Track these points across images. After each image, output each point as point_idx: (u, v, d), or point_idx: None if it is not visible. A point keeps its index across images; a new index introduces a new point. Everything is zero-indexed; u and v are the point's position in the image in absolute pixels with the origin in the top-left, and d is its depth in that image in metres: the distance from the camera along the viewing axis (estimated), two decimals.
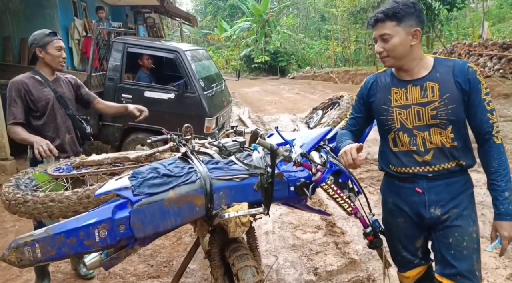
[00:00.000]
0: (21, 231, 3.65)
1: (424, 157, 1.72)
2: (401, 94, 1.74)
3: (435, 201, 1.75)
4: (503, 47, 11.46)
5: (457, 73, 1.66)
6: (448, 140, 1.70)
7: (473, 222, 1.76)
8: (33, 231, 1.55)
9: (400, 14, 1.64)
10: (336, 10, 19.06)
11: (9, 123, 2.48)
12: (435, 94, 1.67)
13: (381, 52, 1.72)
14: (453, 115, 1.66)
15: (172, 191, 1.72)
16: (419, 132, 1.72)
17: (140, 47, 5.13)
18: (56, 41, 2.55)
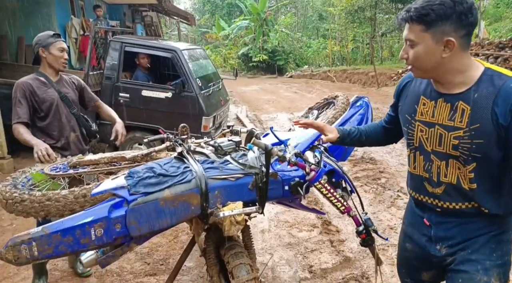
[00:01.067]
0: (18, 229, 3.67)
1: (434, 189, 1.46)
2: (428, 107, 1.43)
3: (443, 238, 1.48)
4: (499, 47, 11.51)
5: (499, 100, 1.25)
6: (466, 180, 1.38)
7: (484, 270, 1.39)
8: (30, 230, 1.57)
9: (430, 18, 1.28)
10: (334, 9, 19.09)
11: (14, 122, 2.52)
12: (463, 121, 1.33)
13: (406, 58, 1.40)
14: (478, 152, 1.31)
15: (167, 190, 1.75)
16: (437, 159, 1.43)
17: (137, 46, 5.14)
18: (58, 43, 2.61)
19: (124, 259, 3.12)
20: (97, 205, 1.68)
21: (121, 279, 2.86)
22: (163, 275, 2.90)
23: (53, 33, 2.69)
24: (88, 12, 9.14)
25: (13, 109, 2.54)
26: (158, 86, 5.13)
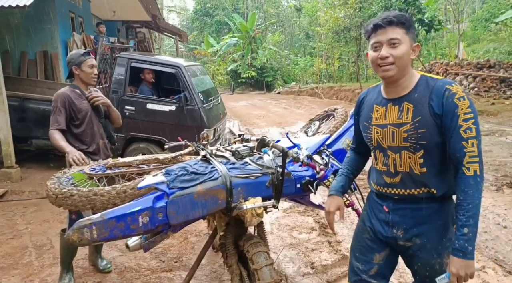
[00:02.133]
0: (34, 233, 3.89)
1: (393, 179, 1.71)
2: (381, 113, 1.72)
3: (398, 222, 1.73)
4: (478, 67, 12.21)
5: (432, 96, 1.58)
6: (417, 166, 1.64)
7: (438, 255, 1.68)
8: (91, 216, 1.85)
9: (408, 23, 1.60)
10: (321, 28, 19.78)
11: (53, 128, 2.79)
12: (409, 116, 1.62)
13: (387, 58, 1.60)
14: (424, 139, 1.59)
15: (200, 186, 2.06)
16: (392, 153, 1.70)
17: (143, 62, 5.46)
18: (89, 60, 2.90)
19: (140, 258, 3.38)
20: (143, 197, 1.97)
21: (140, 275, 3.11)
22: (178, 271, 3.16)
23: (84, 51, 2.99)
24: (87, 29, 9.44)
25: (53, 116, 2.82)
26: (162, 100, 5.44)
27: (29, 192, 5.01)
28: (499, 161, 6.19)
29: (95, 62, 3.00)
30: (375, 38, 1.64)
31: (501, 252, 3.44)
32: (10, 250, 3.52)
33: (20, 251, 3.51)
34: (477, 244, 3.55)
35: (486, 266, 3.19)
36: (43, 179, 5.43)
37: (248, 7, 31.56)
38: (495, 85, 11.34)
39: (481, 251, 3.45)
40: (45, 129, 5.35)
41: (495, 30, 17.82)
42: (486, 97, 11.13)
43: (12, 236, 3.80)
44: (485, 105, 10.72)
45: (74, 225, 1.82)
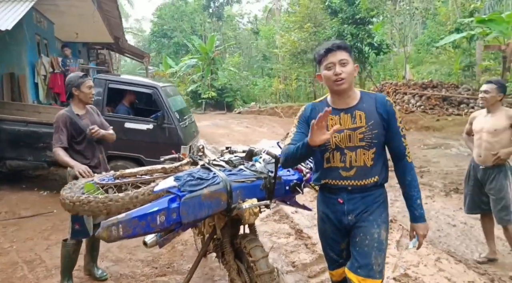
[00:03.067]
0: (20, 250, 3.96)
1: (348, 172, 2.08)
2: (335, 121, 2.08)
3: (352, 210, 2.11)
4: (423, 87, 13.38)
5: (378, 105, 2.06)
6: (369, 160, 2.06)
7: (377, 225, 2.09)
8: (117, 216, 2.11)
9: (349, 49, 2.08)
10: (279, 50, 20.67)
11: (56, 146, 3.01)
12: (362, 121, 2.05)
13: (341, 74, 2.00)
14: (376, 138, 2.04)
15: (206, 189, 2.38)
16: (349, 151, 2.07)
17: (121, 83, 5.69)
18: (87, 82, 3.16)
19: (133, 266, 3.58)
20: (159, 199, 2.26)
21: (136, 280, 3.32)
22: (172, 275, 3.40)
23: (82, 74, 3.25)
24: (51, 50, 9.46)
25: (55, 135, 3.04)
26: (140, 119, 5.67)
27: (5, 213, 5.00)
28: (446, 170, 6.94)
29: (92, 83, 3.26)
30: (327, 60, 2.04)
31: (452, 246, 3.98)
32: (0, 266, 3.58)
33: (11, 266, 3.59)
34: (432, 240, 4.09)
35: (441, 257, 3.69)
36: (18, 200, 5.44)
37: (206, 30, 32.20)
38: (438, 103, 12.48)
39: (436, 245, 3.97)
40: (19, 150, 5.45)
41: (436, 54, 19.52)
42: (431, 114, 12.20)
43: None
44: (431, 122, 11.76)
45: (103, 224, 2.08)
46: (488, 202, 3.46)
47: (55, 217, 4.93)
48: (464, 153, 8.17)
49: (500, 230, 3.58)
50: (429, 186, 6.04)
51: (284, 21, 22.17)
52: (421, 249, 3.80)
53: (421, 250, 3.79)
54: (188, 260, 3.72)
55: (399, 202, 5.39)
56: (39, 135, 5.47)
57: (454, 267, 3.49)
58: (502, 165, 3.36)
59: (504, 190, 3.31)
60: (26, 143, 5.48)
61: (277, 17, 27.89)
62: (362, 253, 2.07)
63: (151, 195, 2.44)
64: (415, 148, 8.91)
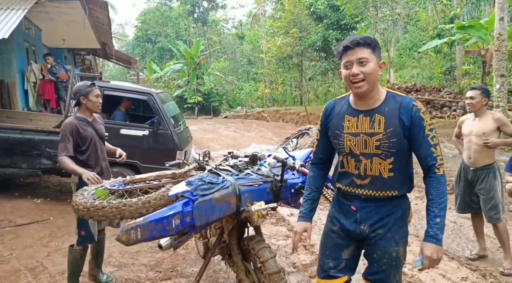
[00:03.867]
0: (20, 257, 3.96)
1: (362, 181, 1.93)
2: (353, 122, 1.92)
3: (365, 219, 1.96)
4: (407, 91, 13.72)
5: (402, 110, 1.83)
6: (386, 171, 1.87)
7: (395, 243, 1.94)
8: (136, 220, 2.19)
9: (374, 44, 1.85)
10: (265, 55, 20.87)
11: (62, 155, 3.05)
12: (381, 127, 1.85)
13: (357, 75, 1.81)
14: (394, 147, 1.83)
15: (217, 193, 2.48)
16: (364, 158, 1.91)
17: (116, 90, 5.73)
18: (95, 90, 3.22)
19: (137, 270, 3.63)
20: (174, 203, 2.35)
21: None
22: (176, 279, 3.47)
23: (90, 83, 3.31)
24: (39, 57, 9.39)
25: (61, 144, 3.08)
26: (135, 125, 5.71)
27: (1, 221, 4.97)
28: None
29: (99, 92, 3.32)
30: (346, 58, 1.87)
31: (444, 244, 4.12)
32: (2, 274, 3.59)
33: (14, 274, 3.59)
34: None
35: None
36: (13, 208, 5.40)
37: (191, 35, 32.23)
38: None
39: None
40: (13, 158, 5.42)
41: (417, 58, 20.03)
42: None
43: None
44: None
45: (122, 228, 2.16)
46: (478, 202, 3.65)
47: (52, 224, 4.93)
48: (449, 155, 8.45)
49: (489, 228, 3.77)
50: (418, 187, 6.22)
51: (269, 26, 22.40)
52: (415, 248, 3.99)
53: (415, 248, 3.96)
54: (191, 263, 3.80)
55: None
56: (34, 142, 5.46)
57: (448, 264, 3.65)
58: (491, 166, 3.55)
59: (493, 190, 3.50)
60: (21, 151, 5.46)
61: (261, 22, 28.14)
62: (380, 271, 1.98)
63: (162, 200, 2.53)
64: None
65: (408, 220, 2.03)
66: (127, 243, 2.16)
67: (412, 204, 2.05)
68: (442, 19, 14.55)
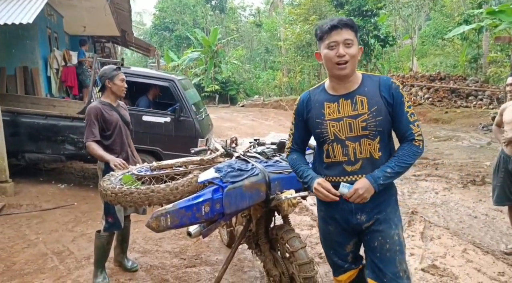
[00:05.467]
0: (47, 241, 3.99)
1: (353, 167, 1.86)
2: (333, 108, 1.87)
3: (361, 208, 1.88)
4: (430, 79, 13.36)
5: (382, 88, 1.83)
6: (376, 151, 1.84)
7: (395, 226, 1.91)
8: (166, 206, 2.14)
9: (356, 28, 1.84)
10: (283, 43, 20.60)
11: (89, 140, 3.02)
12: (364, 107, 1.82)
13: (344, 56, 1.78)
14: (380, 126, 1.81)
15: (246, 180, 2.41)
16: (351, 143, 1.85)
17: (138, 76, 5.69)
18: (120, 74, 3.16)
19: (162, 257, 3.62)
20: (204, 190, 2.29)
21: (167, 271, 3.35)
22: (201, 266, 3.44)
23: (116, 66, 3.25)
24: (61, 44, 9.44)
25: (87, 129, 3.04)
26: (157, 112, 5.68)
27: (27, 205, 5.03)
28: (460, 162, 6.96)
29: (124, 76, 3.25)
30: (330, 38, 1.80)
31: (476, 237, 4.01)
32: (30, 257, 3.62)
33: (41, 257, 3.62)
34: (455, 231, 4.11)
35: (468, 248, 3.72)
36: (38, 192, 5.47)
37: (208, 23, 32.05)
38: (447, 95, 12.47)
39: (460, 237, 4.00)
40: (38, 143, 5.47)
41: (441, 45, 19.46)
42: (440, 107, 12.21)
43: (26, 245, 3.89)
44: (439, 114, 11.77)
45: (153, 214, 2.11)
46: None
47: (76, 209, 4.97)
48: (476, 145, 8.19)
49: None
50: (445, 178, 6.06)
51: (288, 14, 22.05)
52: (446, 240, 3.86)
53: (447, 241, 3.83)
54: (215, 251, 3.76)
55: (416, 194, 5.43)
56: (58, 128, 5.49)
57: (482, 258, 3.51)
58: None
59: None
60: (45, 137, 5.50)
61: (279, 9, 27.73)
62: (385, 260, 1.89)
63: (190, 186, 2.47)
64: (426, 141, 8.92)
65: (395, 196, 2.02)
66: (157, 229, 2.11)
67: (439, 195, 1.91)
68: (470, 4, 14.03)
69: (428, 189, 5.61)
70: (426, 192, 5.51)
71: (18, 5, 5.55)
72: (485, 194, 5.20)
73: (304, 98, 2.01)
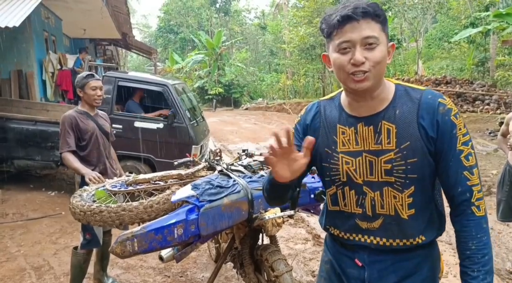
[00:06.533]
0: (27, 255, 3.82)
1: (370, 224, 1.27)
2: (349, 136, 1.25)
3: (377, 279, 1.28)
4: (436, 83, 13.10)
5: (423, 113, 1.18)
6: (404, 208, 1.22)
7: None
8: (132, 229, 1.94)
9: (384, 17, 1.17)
10: (287, 46, 20.43)
11: (64, 151, 2.83)
12: (391, 141, 1.20)
13: (363, 63, 1.13)
14: (414, 172, 1.19)
15: (226, 198, 2.21)
16: (370, 190, 1.25)
17: (130, 81, 5.52)
18: (92, 82, 2.94)
19: (145, 274, 3.42)
20: (177, 210, 2.09)
21: None
22: None
23: (87, 74, 3.05)
24: (59, 47, 9.33)
25: (62, 139, 2.86)
26: (150, 118, 5.50)
27: (13, 214, 4.87)
28: None
29: (99, 84, 3.03)
30: (343, 36, 1.14)
31: None
32: (7, 272, 3.44)
33: (18, 273, 3.45)
34: None
35: None
36: (26, 200, 5.31)
37: (212, 25, 31.97)
38: (453, 100, 12.18)
39: None
40: (27, 150, 5.32)
41: (447, 49, 19.16)
42: None
43: (5, 259, 3.71)
44: None
45: (117, 238, 1.92)
46: None
47: (63, 219, 4.79)
48: (483, 152, 7.93)
49: None
50: None
51: (292, 16, 21.87)
52: (448, 257, 3.63)
53: (449, 258, 3.60)
54: (202, 268, 3.56)
55: None
56: (48, 134, 5.34)
57: None
58: None
59: None
60: (35, 143, 5.35)
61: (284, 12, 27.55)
62: None
63: (166, 204, 2.28)
64: None
65: (439, 276, 1.35)
66: (122, 255, 1.92)
67: None
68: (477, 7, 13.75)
69: None
70: None
71: (8, 7, 5.41)
72: (491, 206, 4.93)
73: (311, 110, 1.35)
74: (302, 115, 1.38)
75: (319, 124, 1.32)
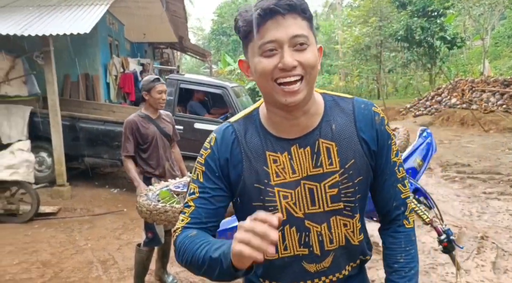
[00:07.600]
0: (94, 249, 4.04)
1: (319, 264, 1.06)
2: (283, 164, 1.02)
3: None
4: (504, 84, 12.18)
5: (361, 125, 1.03)
6: (356, 234, 1.07)
7: None
8: None
9: (309, 13, 0.97)
10: (340, 46, 20.06)
11: (123, 155, 3.02)
12: (334, 161, 1.01)
13: (295, 67, 0.93)
14: (361, 192, 1.04)
15: None
16: (315, 224, 1.04)
17: (192, 83, 5.69)
18: (158, 86, 3.03)
19: None
20: None
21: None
22: None
23: (154, 78, 3.15)
24: (121, 51, 9.82)
25: (123, 144, 3.03)
26: (209, 120, 5.62)
27: (81, 209, 5.19)
28: None
29: (164, 87, 3.11)
30: (266, 35, 0.93)
31: None
32: (77, 265, 3.66)
33: (87, 265, 3.65)
34: None
35: None
36: (92, 197, 5.63)
37: None
38: None
39: None
40: (96, 148, 5.65)
41: None
42: None
43: (75, 251, 3.95)
44: None
45: None
46: None
47: (125, 215, 5.02)
48: None
49: None
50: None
51: (346, 16, 21.44)
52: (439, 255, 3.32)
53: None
54: None
55: (487, 215, 4.84)
56: (114, 134, 5.65)
57: None
58: None
59: None
60: (103, 142, 5.69)
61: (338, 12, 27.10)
62: None
63: None
64: (498, 153, 8.08)
65: None
66: None
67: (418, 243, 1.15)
68: None
69: (501, 210, 4.98)
70: (498, 213, 4.89)
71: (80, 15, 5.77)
72: None
73: (227, 140, 1.05)
74: (213, 145, 1.05)
75: (240, 155, 1.03)
